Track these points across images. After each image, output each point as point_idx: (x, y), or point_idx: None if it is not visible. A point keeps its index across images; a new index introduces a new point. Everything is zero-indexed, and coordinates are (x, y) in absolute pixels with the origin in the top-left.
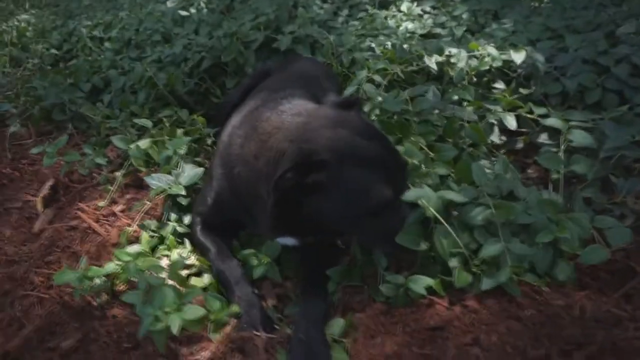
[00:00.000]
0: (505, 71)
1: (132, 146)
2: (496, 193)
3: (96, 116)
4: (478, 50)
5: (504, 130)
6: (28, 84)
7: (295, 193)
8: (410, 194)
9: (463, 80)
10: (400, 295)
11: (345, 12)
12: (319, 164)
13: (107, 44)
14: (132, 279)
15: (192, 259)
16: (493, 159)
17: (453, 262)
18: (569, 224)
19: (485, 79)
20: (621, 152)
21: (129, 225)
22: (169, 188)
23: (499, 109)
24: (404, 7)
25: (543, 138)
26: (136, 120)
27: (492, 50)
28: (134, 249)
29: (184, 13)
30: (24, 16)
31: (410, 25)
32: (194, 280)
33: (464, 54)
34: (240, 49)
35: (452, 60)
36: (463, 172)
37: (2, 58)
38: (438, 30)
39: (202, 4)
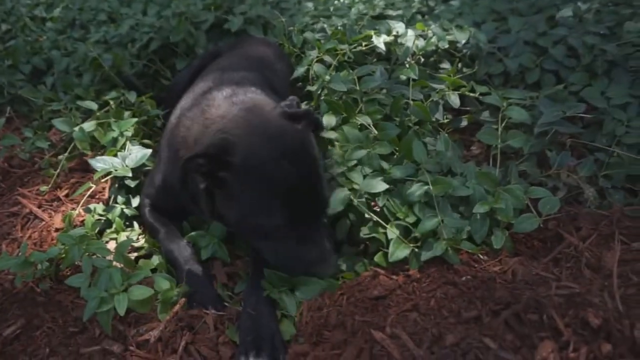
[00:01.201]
0: (451, 52)
1: (76, 129)
2: (437, 169)
3: (37, 99)
4: (424, 31)
5: (449, 109)
6: None
7: (207, 181)
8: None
9: (409, 59)
10: (344, 271)
11: None
12: (226, 164)
13: (49, 24)
14: (76, 262)
15: (141, 241)
16: (438, 136)
17: (392, 236)
18: (504, 195)
19: (432, 59)
20: (554, 127)
21: (74, 209)
22: (115, 170)
23: (443, 88)
24: None
25: (485, 115)
26: (80, 103)
27: (437, 30)
28: (77, 232)
29: None
30: None
31: (361, 7)
32: (142, 262)
33: (411, 33)
34: (190, 29)
35: (400, 40)
36: (406, 149)
37: None
38: (389, 12)
39: None
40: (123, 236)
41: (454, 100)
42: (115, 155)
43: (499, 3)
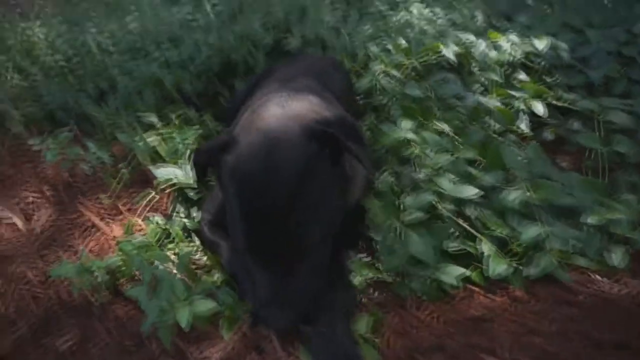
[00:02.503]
0: (527, 63)
1: (137, 138)
2: (529, 178)
3: (100, 115)
4: (498, 40)
5: (529, 121)
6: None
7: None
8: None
9: (486, 65)
10: (431, 288)
11: (355, 17)
12: (221, 161)
13: (112, 49)
14: (136, 272)
15: (201, 257)
16: (524, 146)
17: (486, 250)
18: (616, 205)
19: (507, 71)
20: None
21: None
22: (176, 179)
23: (525, 96)
24: (414, 10)
25: (574, 126)
26: (142, 115)
27: (514, 37)
28: (138, 239)
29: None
30: (36, 29)
31: (423, 23)
32: (204, 277)
33: (483, 43)
34: (250, 48)
35: (472, 50)
36: (493, 156)
37: (6, 65)
38: (452, 30)
39: (209, 9)
40: (183, 248)
41: (539, 107)
42: (177, 165)
43: (572, 17)
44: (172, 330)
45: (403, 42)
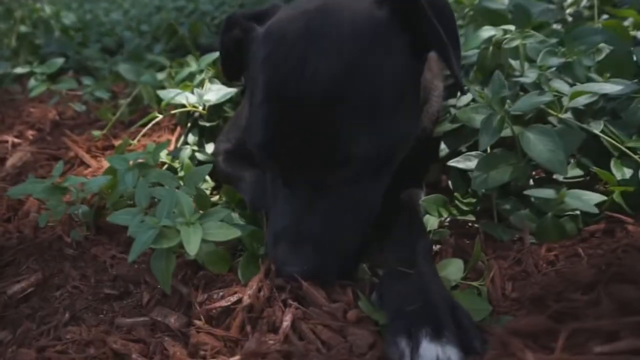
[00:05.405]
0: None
1: (145, 75)
2: None
3: (103, 68)
4: None
5: None
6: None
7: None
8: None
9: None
10: (550, 224)
11: None
12: (252, 29)
13: (121, 18)
14: (127, 200)
15: (216, 198)
16: None
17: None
18: None
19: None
20: None
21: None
22: (187, 102)
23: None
24: None
25: None
26: (152, 58)
27: None
28: (134, 156)
29: None
30: (45, 5)
31: None
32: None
33: None
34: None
35: None
36: (620, 63)
37: (8, 34)
38: None
39: None
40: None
41: None
42: (192, 92)
43: None
44: (172, 265)
45: None
